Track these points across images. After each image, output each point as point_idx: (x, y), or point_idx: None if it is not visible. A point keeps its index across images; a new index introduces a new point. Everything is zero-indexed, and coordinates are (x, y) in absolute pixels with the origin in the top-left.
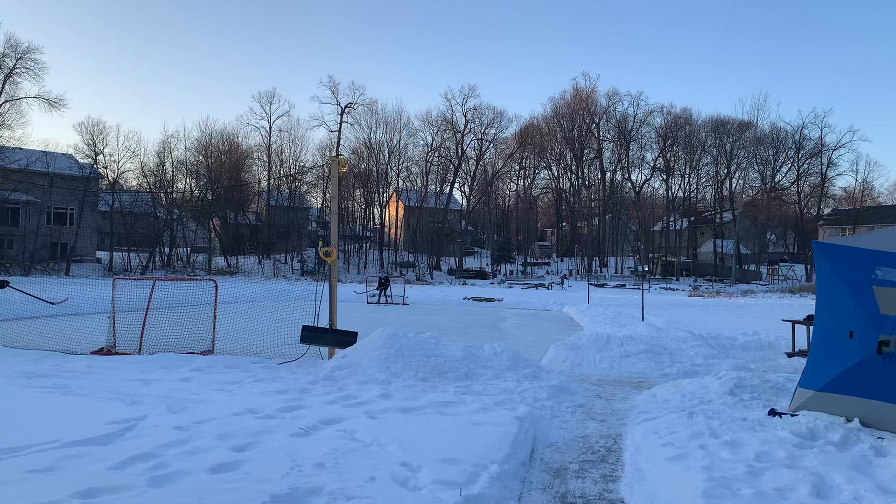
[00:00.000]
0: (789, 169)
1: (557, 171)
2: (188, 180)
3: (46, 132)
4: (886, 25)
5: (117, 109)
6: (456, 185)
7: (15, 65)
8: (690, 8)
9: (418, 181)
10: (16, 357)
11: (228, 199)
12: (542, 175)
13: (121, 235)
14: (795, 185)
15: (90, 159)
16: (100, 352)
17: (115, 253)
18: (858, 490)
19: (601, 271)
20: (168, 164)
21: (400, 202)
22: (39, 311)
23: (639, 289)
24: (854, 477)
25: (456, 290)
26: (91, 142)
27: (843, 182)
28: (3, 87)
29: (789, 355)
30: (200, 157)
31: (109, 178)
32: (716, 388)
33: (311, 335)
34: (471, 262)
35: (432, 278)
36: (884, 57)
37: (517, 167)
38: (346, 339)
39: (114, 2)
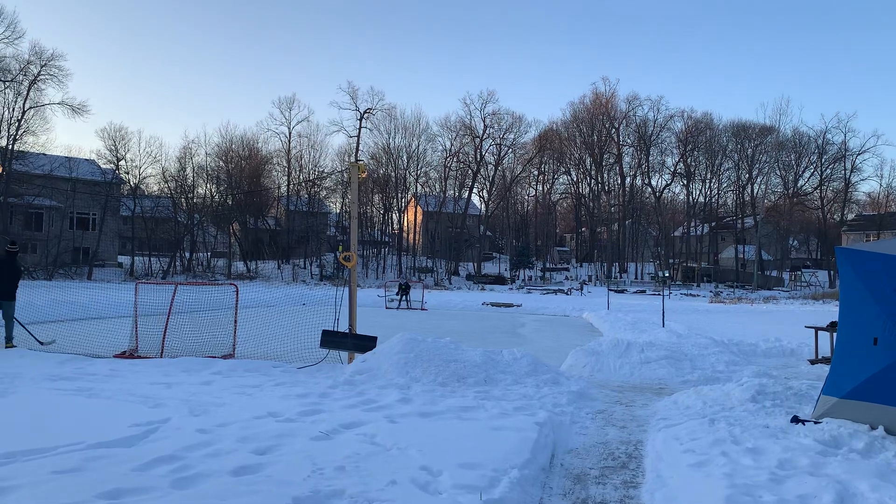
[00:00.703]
0: (812, 174)
1: (577, 176)
2: (209, 185)
3: (69, 138)
4: None
5: (139, 115)
6: (474, 190)
7: (39, 72)
8: (711, 12)
9: (437, 186)
10: (40, 360)
11: (248, 204)
12: (561, 180)
13: (142, 240)
14: (818, 191)
15: (112, 165)
16: (122, 355)
17: (136, 257)
18: (883, 498)
19: (621, 277)
20: (189, 170)
21: (418, 207)
22: (63, 315)
23: (659, 295)
24: (879, 485)
25: (474, 295)
26: (113, 147)
27: (867, 187)
28: (27, 94)
29: (812, 362)
30: (221, 163)
31: (131, 183)
32: (738, 395)
33: (331, 340)
34: (489, 268)
35: (450, 284)
36: None
37: (536, 172)
38: (365, 343)
39: (137, 9)
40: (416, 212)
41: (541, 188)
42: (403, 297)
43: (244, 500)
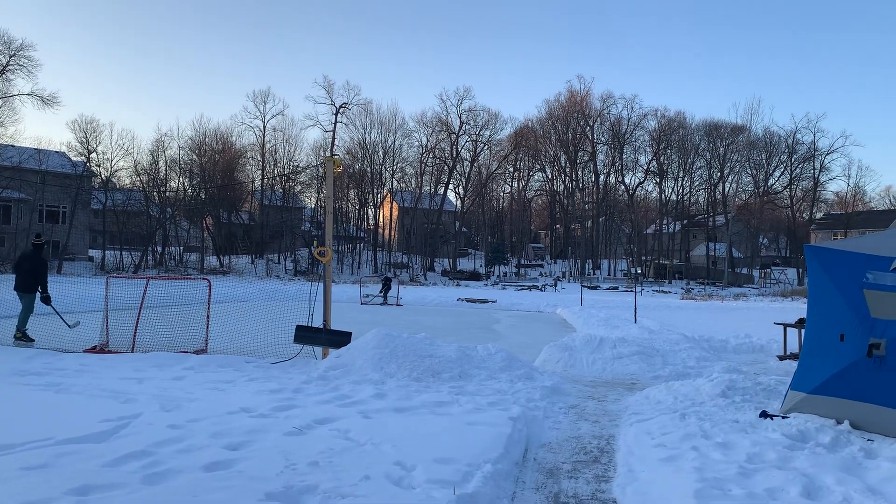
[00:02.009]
0: (782, 173)
1: (551, 174)
2: (181, 179)
3: (39, 130)
4: (879, 31)
5: (111, 108)
6: (450, 186)
7: (8, 62)
8: (685, 12)
9: (413, 182)
10: (7, 355)
11: (222, 199)
12: (536, 177)
13: (113, 234)
14: (788, 190)
15: (83, 157)
16: (93, 350)
17: (107, 251)
18: (848, 491)
19: (594, 273)
20: (161, 163)
21: (394, 203)
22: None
23: (631, 291)
24: (844, 478)
25: (450, 291)
26: (84, 140)
27: (835, 187)
28: None
29: (781, 358)
30: (194, 156)
31: (102, 176)
32: (708, 390)
33: (305, 335)
34: (464, 264)
35: (426, 279)
36: (877, 62)
37: (511, 169)
38: (340, 339)
39: (109, 0)
40: (391, 207)
41: (516, 185)
42: (385, 293)
43: (216, 495)
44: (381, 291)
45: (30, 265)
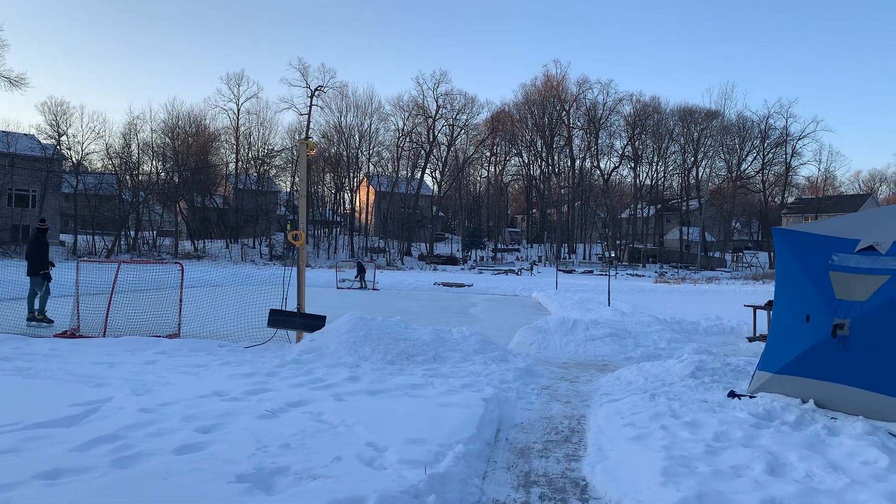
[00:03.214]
0: (755, 158)
1: (528, 158)
2: (154, 162)
3: (7, 112)
4: (850, 18)
5: (82, 90)
6: (427, 170)
7: None
8: None
9: (389, 166)
10: None
11: (196, 182)
12: (512, 162)
13: (85, 218)
14: (760, 174)
15: (53, 140)
16: (63, 335)
17: (79, 236)
18: (811, 468)
19: (570, 257)
20: (134, 146)
21: (371, 187)
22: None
23: (606, 275)
24: (807, 455)
25: (426, 275)
26: (54, 122)
27: (806, 171)
28: None
29: (750, 339)
30: (167, 139)
31: (73, 159)
32: (678, 371)
33: (279, 319)
34: (441, 248)
35: (403, 264)
36: (848, 48)
37: (488, 153)
38: (314, 322)
39: None
40: (368, 192)
41: (493, 169)
42: (361, 277)
43: (187, 477)
44: (356, 277)
45: (38, 249)
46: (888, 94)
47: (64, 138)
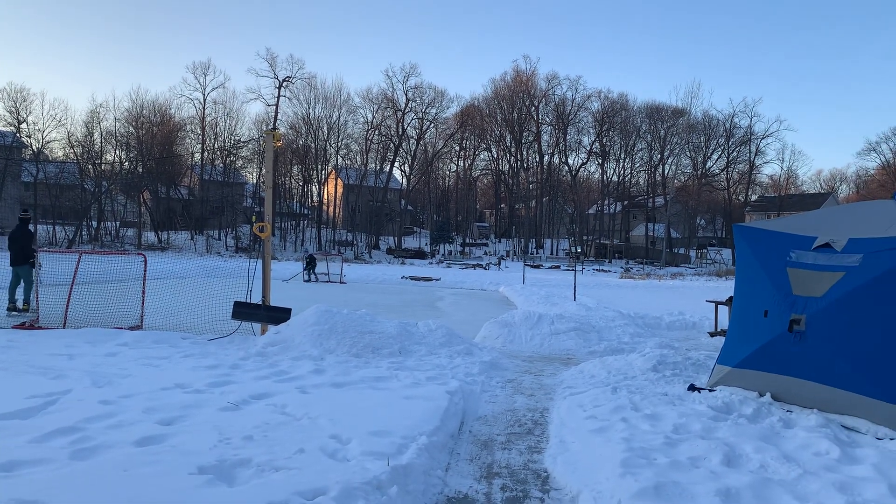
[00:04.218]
0: (720, 156)
1: (497, 153)
2: (118, 152)
3: None
4: (815, 20)
5: (42, 77)
6: (396, 164)
7: None
8: None
9: (358, 159)
10: None
11: (160, 173)
12: (481, 156)
13: (45, 207)
14: (725, 172)
15: (13, 127)
16: (22, 326)
17: (39, 226)
18: (765, 458)
19: (537, 252)
20: (97, 135)
21: (339, 180)
22: None
23: (573, 270)
24: (762, 447)
25: (394, 269)
26: (14, 109)
27: (769, 170)
28: None
29: (711, 335)
30: (131, 129)
31: (33, 147)
32: (640, 365)
33: (244, 311)
34: (410, 242)
35: (371, 257)
36: (812, 50)
37: (457, 148)
38: (279, 315)
39: None
40: (336, 184)
41: (462, 164)
42: (310, 271)
43: (148, 469)
44: (304, 269)
45: (21, 239)
46: (850, 96)
47: (24, 126)
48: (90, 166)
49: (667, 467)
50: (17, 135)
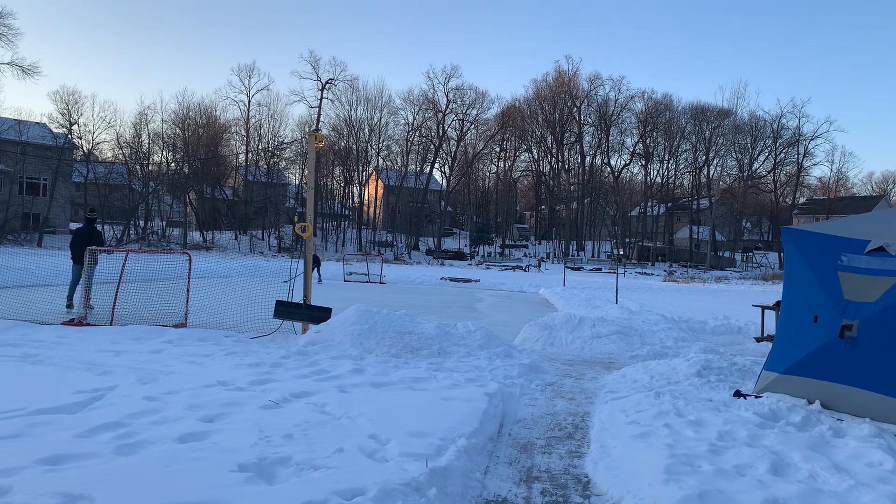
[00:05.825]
0: (766, 157)
1: (538, 154)
2: (164, 153)
3: (19, 100)
4: (865, 19)
5: (93, 79)
6: (436, 165)
7: None
8: None
9: (398, 160)
10: None
11: (205, 174)
12: (522, 157)
13: (95, 207)
14: (772, 174)
15: (64, 129)
16: (70, 323)
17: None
18: (815, 468)
19: (578, 255)
20: (144, 136)
21: (379, 181)
22: (7, 282)
23: (614, 273)
24: (811, 456)
25: (433, 270)
26: (66, 111)
27: (818, 172)
28: None
29: (758, 340)
30: (177, 130)
31: (84, 148)
32: (684, 370)
33: (285, 310)
34: (449, 243)
35: (410, 258)
36: (862, 50)
37: (498, 149)
38: (319, 314)
39: None
40: (377, 185)
41: (502, 165)
42: (316, 269)
43: (189, 466)
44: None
45: (85, 238)
46: None
47: (75, 127)
48: (138, 167)
49: (711, 475)
50: (69, 136)
